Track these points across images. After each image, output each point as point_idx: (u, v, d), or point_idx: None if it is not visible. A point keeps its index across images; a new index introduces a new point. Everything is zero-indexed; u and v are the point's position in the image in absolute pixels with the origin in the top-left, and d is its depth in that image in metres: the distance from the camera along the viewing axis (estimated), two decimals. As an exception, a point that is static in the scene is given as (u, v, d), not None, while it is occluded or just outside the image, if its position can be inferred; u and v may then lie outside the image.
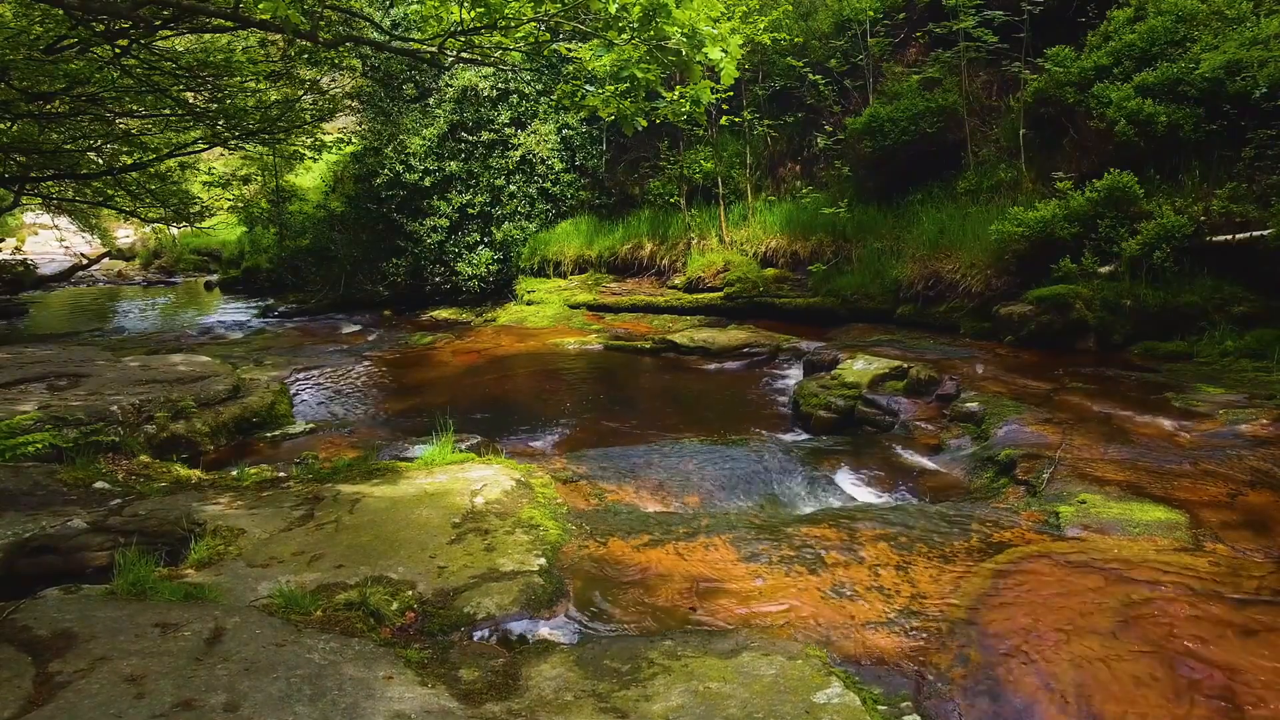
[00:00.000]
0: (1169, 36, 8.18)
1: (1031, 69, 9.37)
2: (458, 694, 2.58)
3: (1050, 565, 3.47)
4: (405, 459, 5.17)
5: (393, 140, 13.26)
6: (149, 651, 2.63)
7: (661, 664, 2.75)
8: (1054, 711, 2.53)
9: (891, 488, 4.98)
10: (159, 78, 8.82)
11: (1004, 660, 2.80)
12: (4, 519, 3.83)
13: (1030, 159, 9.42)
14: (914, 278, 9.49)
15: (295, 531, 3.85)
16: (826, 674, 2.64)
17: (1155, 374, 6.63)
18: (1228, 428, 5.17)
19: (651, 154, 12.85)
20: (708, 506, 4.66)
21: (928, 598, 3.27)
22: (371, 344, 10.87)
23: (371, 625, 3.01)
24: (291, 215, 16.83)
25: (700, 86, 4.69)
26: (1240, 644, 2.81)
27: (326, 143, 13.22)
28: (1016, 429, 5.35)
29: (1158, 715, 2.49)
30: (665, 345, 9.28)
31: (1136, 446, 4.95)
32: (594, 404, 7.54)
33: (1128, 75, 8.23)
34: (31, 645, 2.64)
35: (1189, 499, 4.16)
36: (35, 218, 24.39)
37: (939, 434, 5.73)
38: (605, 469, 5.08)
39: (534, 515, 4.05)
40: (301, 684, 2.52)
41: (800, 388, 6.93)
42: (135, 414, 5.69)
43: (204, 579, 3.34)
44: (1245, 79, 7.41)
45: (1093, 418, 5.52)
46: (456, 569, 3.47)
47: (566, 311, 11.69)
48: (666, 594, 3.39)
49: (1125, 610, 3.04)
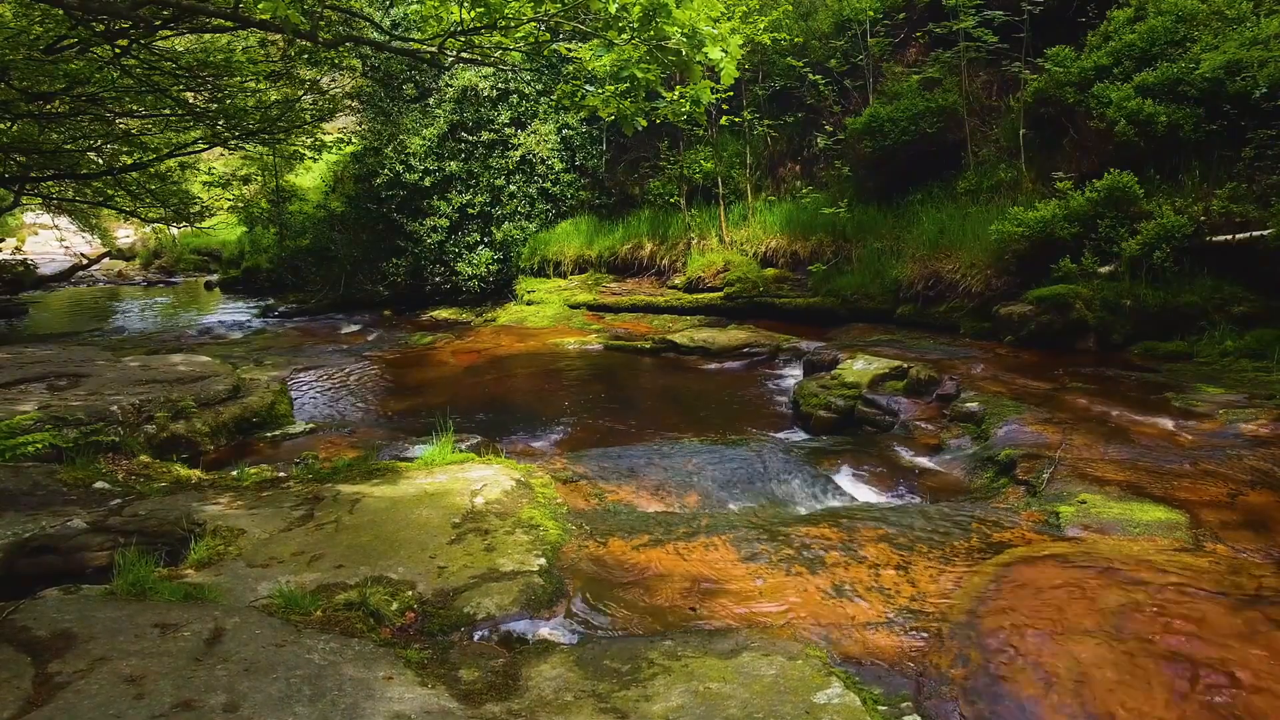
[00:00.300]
0: (1169, 36, 8.18)
1: (1031, 69, 9.36)
2: (458, 694, 2.58)
3: (1050, 565, 3.47)
4: (405, 459, 5.17)
5: (393, 140, 13.26)
6: (148, 652, 2.62)
7: (662, 664, 2.75)
8: (1053, 711, 2.53)
9: (892, 487, 4.98)
10: (159, 78, 8.82)
11: (1004, 660, 2.80)
12: (4, 519, 3.83)
13: (1030, 159, 9.42)
14: (914, 278, 9.49)
15: (295, 531, 3.84)
16: (827, 674, 2.64)
17: (1155, 374, 6.63)
18: (1228, 428, 5.17)
19: (651, 154, 12.85)
20: (708, 506, 4.66)
21: (928, 598, 3.27)
22: (371, 344, 10.87)
23: (371, 625, 3.01)
24: (291, 215, 16.84)
25: (700, 86, 4.69)
26: (1240, 645, 2.81)
27: (326, 143, 13.22)
28: (1016, 429, 5.34)
29: (1157, 715, 2.49)
30: (665, 345, 9.28)
31: (1136, 446, 4.95)
32: (594, 404, 7.54)
33: (1128, 75, 8.23)
34: (31, 645, 2.64)
35: (1189, 499, 4.16)
36: (35, 218, 24.40)
37: (939, 434, 5.73)
38: (605, 469, 5.08)
39: (534, 515, 4.05)
40: (301, 684, 2.52)
41: (800, 387, 6.93)
42: (135, 414, 5.69)
43: (204, 579, 3.33)
44: (1245, 79, 7.41)
45: (1093, 418, 5.52)
46: (456, 569, 3.47)
47: (566, 311, 11.69)
48: (666, 594, 3.38)
49: (1125, 610, 3.04)
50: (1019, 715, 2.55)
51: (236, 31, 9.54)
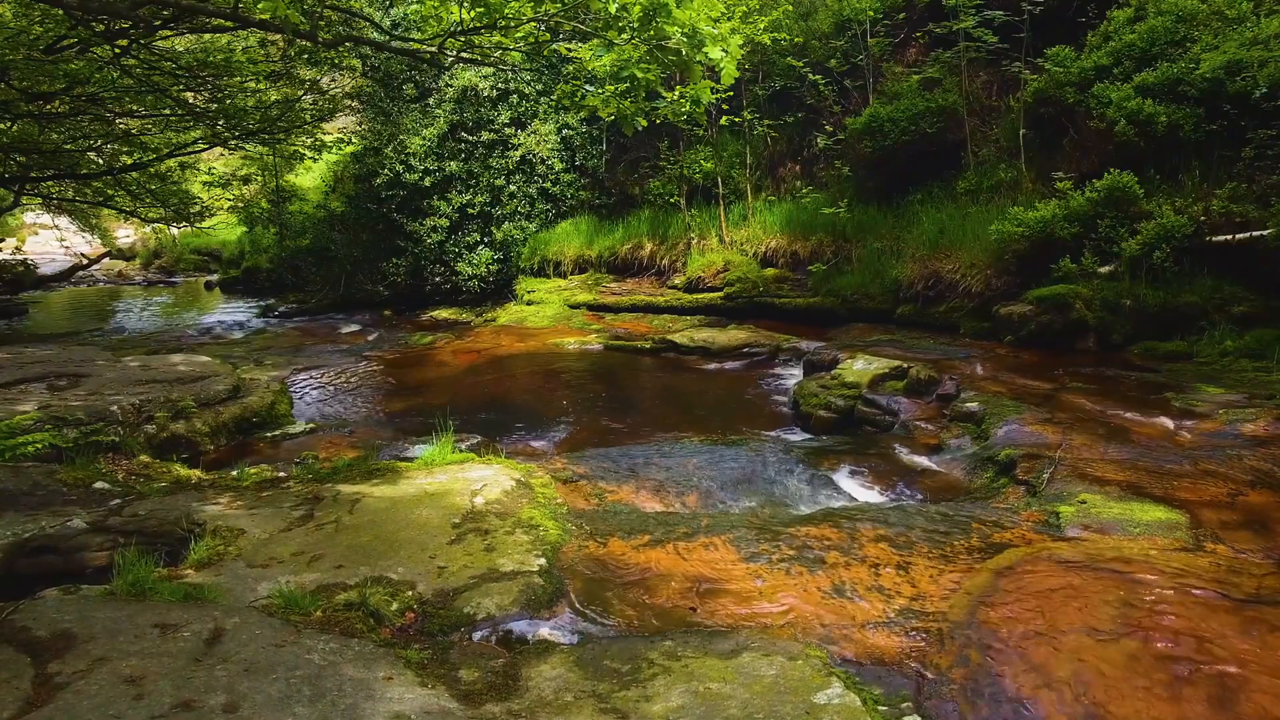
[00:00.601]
0: (1169, 36, 8.17)
1: (1031, 69, 9.36)
2: (457, 694, 2.58)
3: (1051, 565, 3.47)
4: (405, 459, 5.17)
5: (393, 140, 13.25)
6: (148, 652, 2.62)
7: (661, 664, 2.75)
8: (1054, 711, 2.53)
9: (891, 487, 4.98)
10: (159, 78, 8.82)
11: (1004, 660, 2.80)
12: (4, 519, 3.83)
13: (1030, 159, 9.42)
14: (914, 278, 9.48)
15: (295, 531, 3.84)
16: (827, 674, 2.64)
17: (1155, 374, 6.62)
18: (1228, 427, 5.16)
19: (651, 154, 12.85)
20: (708, 506, 4.65)
21: (928, 598, 3.27)
22: (371, 344, 10.87)
23: (371, 626, 3.01)
24: (291, 215, 16.83)
25: (700, 86, 4.69)
26: (1239, 644, 2.81)
27: (326, 143, 13.22)
28: (1016, 429, 5.34)
29: (1157, 714, 2.49)
30: (665, 345, 9.27)
31: (1136, 446, 4.94)
32: (594, 404, 7.54)
33: (1128, 75, 8.23)
34: (31, 646, 2.64)
35: (1189, 499, 4.16)
36: (35, 218, 24.39)
37: (939, 434, 5.73)
38: (605, 469, 5.08)
39: (534, 515, 4.05)
40: (301, 684, 2.51)
41: (800, 387, 6.93)
42: (135, 414, 5.69)
43: (204, 579, 3.33)
44: (1245, 79, 7.41)
45: (1092, 418, 5.52)
46: (456, 569, 3.47)
47: (566, 311, 11.69)
48: (666, 594, 3.38)
49: (1125, 610, 3.04)
50: (1019, 715, 2.54)
51: (236, 31, 9.55)
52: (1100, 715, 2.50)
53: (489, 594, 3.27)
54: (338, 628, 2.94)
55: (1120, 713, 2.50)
